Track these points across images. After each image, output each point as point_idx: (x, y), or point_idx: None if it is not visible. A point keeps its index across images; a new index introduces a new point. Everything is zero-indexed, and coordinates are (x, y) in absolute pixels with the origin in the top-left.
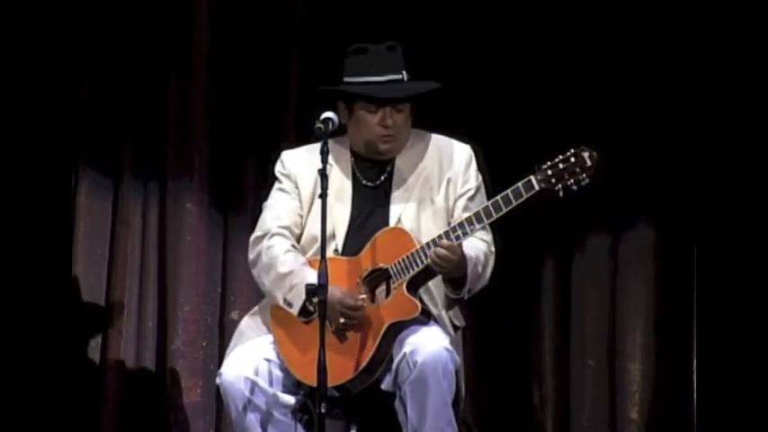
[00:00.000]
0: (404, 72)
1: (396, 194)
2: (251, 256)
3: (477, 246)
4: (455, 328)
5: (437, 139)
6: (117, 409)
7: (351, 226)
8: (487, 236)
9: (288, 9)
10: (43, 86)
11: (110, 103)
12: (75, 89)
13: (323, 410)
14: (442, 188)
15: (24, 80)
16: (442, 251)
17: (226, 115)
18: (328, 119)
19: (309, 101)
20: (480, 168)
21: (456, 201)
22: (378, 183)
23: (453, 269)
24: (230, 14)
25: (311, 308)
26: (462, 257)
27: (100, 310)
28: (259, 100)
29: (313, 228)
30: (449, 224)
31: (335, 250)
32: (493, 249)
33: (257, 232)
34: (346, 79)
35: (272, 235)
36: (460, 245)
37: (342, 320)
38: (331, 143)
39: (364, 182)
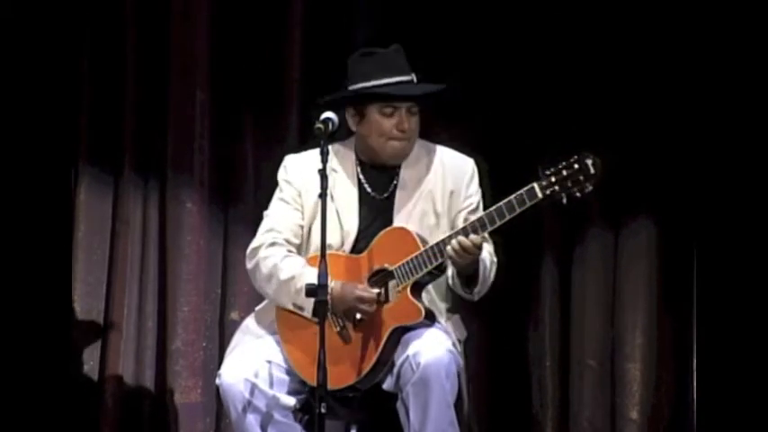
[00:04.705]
0: (413, 74)
1: (400, 206)
2: (249, 266)
3: (483, 253)
4: (457, 340)
5: (442, 152)
6: (117, 409)
7: (358, 237)
8: (490, 246)
9: (287, 9)
10: (43, 86)
11: (110, 103)
12: (75, 88)
13: (323, 411)
14: (446, 201)
15: (24, 80)
16: (467, 243)
17: (226, 115)
18: (328, 119)
19: (311, 100)
20: (481, 181)
21: (458, 213)
22: (384, 195)
23: (468, 264)
24: (231, 14)
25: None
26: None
27: (100, 310)
28: (259, 99)
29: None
30: None
31: None
32: (495, 260)
33: (253, 243)
34: (353, 86)
35: (268, 245)
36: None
37: (358, 316)
38: (336, 146)
39: (370, 192)
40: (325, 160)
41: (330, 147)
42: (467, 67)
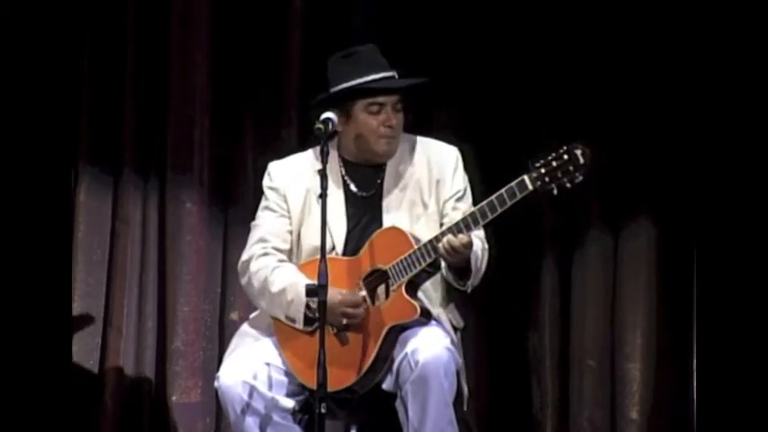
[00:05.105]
0: (394, 71)
1: (388, 201)
2: (242, 281)
3: (475, 241)
4: (454, 329)
5: (424, 142)
6: (117, 409)
7: (348, 238)
8: (481, 232)
9: (287, 9)
10: (43, 86)
11: (110, 103)
12: (75, 88)
13: (323, 411)
14: (433, 191)
15: (24, 80)
16: (456, 242)
17: (226, 115)
18: (328, 119)
19: (310, 101)
20: (466, 169)
21: (445, 202)
22: (371, 192)
23: (460, 261)
24: (231, 14)
25: (312, 315)
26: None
27: (100, 310)
28: (259, 99)
29: (313, 239)
30: (440, 225)
31: None
32: (487, 247)
33: (244, 256)
34: (336, 87)
35: (258, 256)
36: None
37: (344, 321)
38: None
39: (356, 191)
40: (325, 160)
41: (312, 150)
42: (466, 64)
